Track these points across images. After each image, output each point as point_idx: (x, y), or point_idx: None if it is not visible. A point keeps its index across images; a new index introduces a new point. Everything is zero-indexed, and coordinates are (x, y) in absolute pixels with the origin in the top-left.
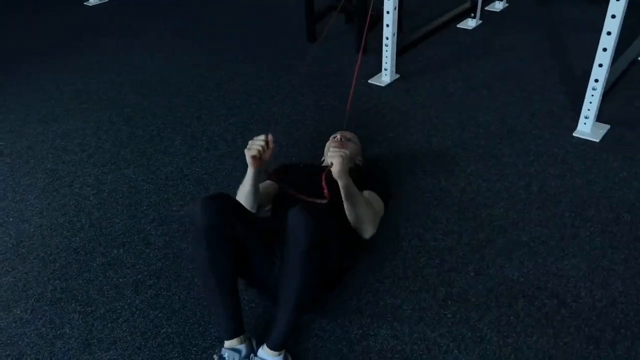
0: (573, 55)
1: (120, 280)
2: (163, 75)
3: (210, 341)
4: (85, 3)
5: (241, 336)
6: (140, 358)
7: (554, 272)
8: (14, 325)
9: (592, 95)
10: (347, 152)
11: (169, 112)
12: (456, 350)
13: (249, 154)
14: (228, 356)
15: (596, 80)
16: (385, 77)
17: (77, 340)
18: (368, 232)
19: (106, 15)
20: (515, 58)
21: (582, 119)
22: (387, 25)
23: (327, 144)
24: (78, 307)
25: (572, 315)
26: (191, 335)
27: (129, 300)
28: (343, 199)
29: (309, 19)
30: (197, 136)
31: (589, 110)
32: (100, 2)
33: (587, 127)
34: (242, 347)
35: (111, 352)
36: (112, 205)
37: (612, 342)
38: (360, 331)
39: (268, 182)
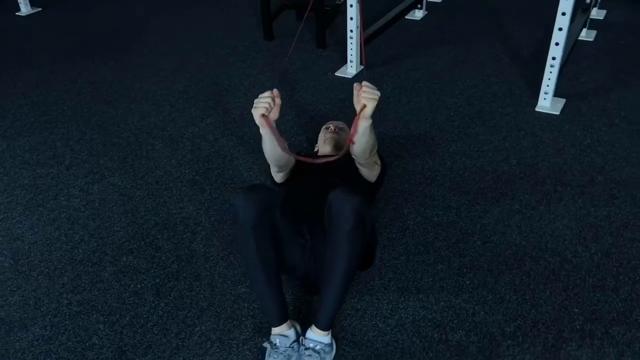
0: (518, 38)
1: (138, 286)
2: (124, 81)
3: (248, 333)
4: (17, 13)
5: (288, 322)
6: (181, 358)
7: (550, 234)
8: (36, 343)
9: (550, 72)
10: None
11: (140, 117)
12: (482, 312)
13: (257, 112)
14: (280, 342)
15: (553, 58)
16: (351, 68)
17: (110, 349)
18: (375, 168)
19: (41, 25)
20: (466, 44)
21: (542, 95)
22: (351, 18)
23: (320, 135)
24: (101, 318)
25: (575, 269)
26: (227, 329)
27: (153, 305)
28: (362, 136)
29: (265, 17)
30: (177, 139)
31: (547, 86)
32: (34, 12)
33: (547, 102)
34: (291, 332)
35: (149, 356)
36: (107, 214)
37: (614, 288)
38: (390, 306)
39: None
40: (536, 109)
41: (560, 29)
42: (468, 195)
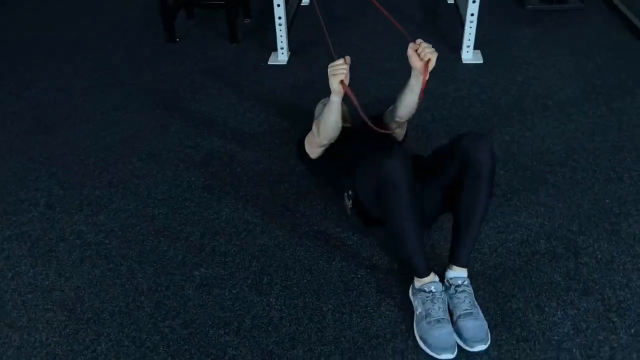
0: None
1: (233, 292)
2: (45, 108)
3: (374, 297)
4: None
5: (432, 271)
6: (330, 337)
7: (538, 159)
8: None
9: (470, 27)
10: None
11: (92, 140)
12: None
13: (336, 79)
14: (434, 288)
15: (472, 14)
16: (282, 55)
17: (253, 355)
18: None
19: None
20: (370, 19)
21: (464, 49)
22: (278, 5)
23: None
24: (220, 330)
25: (580, 183)
26: (353, 301)
27: (263, 303)
28: (413, 90)
29: (165, 18)
30: (155, 153)
31: (469, 40)
32: None
33: (470, 54)
34: (437, 278)
35: (298, 347)
36: (140, 238)
37: (608, 180)
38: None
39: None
40: (463, 62)
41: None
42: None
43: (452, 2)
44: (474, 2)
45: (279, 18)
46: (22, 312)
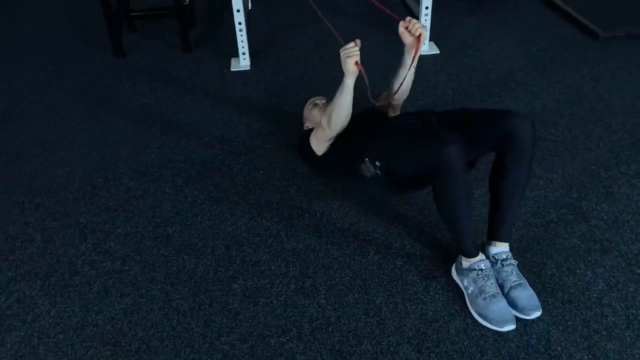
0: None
1: (280, 298)
2: (1, 136)
3: (419, 282)
4: None
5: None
6: (393, 327)
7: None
8: None
9: (425, 20)
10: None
11: (68, 166)
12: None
13: (351, 60)
14: (484, 265)
15: (239, 23)
16: (244, 61)
17: (325, 354)
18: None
19: None
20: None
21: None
22: (238, 11)
23: (315, 112)
24: (283, 338)
25: (563, 154)
26: (400, 289)
27: (317, 303)
28: (408, 66)
29: (113, 31)
30: (144, 171)
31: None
32: None
33: (426, 46)
34: (484, 256)
35: (364, 343)
36: (161, 260)
37: (587, 149)
38: None
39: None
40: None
41: None
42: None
43: None
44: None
45: (239, 23)
46: (59, 355)
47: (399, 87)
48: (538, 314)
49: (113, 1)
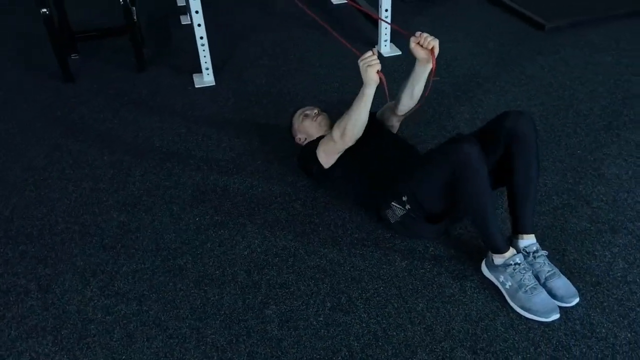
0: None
1: (320, 319)
2: None
3: (454, 285)
4: None
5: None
6: (442, 331)
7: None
8: None
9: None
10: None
11: (46, 206)
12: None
13: (373, 70)
14: (519, 259)
15: (201, 38)
16: (208, 76)
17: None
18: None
19: None
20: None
21: (382, 43)
22: (199, 25)
23: (307, 124)
24: (353, 341)
25: (549, 142)
26: (436, 293)
27: (359, 318)
28: (421, 79)
29: (60, 56)
30: (134, 202)
31: (386, 34)
32: None
33: (388, 48)
34: (515, 250)
35: (439, 349)
36: (180, 295)
37: (567, 135)
38: None
39: None
40: (385, 56)
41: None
42: (422, 107)
43: (338, 2)
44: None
45: (201, 38)
46: None
47: (421, 97)
48: (577, 300)
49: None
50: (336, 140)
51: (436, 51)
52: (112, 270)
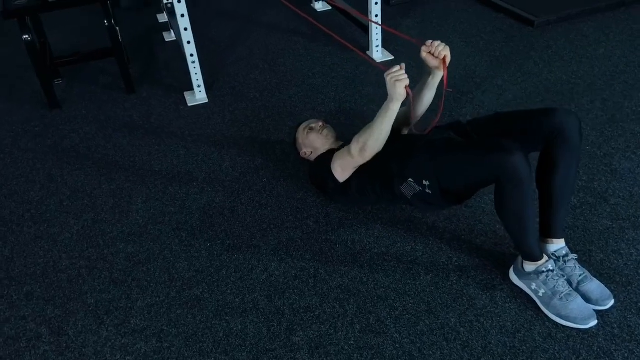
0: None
1: (351, 342)
2: None
3: (484, 296)
4: None
5: None
6: (493, 338)
7: None
8: None
9: (377, 27)
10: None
11: (47, 242)
12: None
13: (402, 85)
14: (552, 266)
15: (191, 55)
16: (201, 94)
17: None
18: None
19: None
20: (253, 43)
21: (374, 49)
22: (189, 42)
23: (313, 137)
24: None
25: None
26: (472, 297)
27: (390, 340)
28: (432, 87)
29: (45, 82)
30: (139, 232)
31: (377, 40)
32: None
33: (380, 53)
34: (547, 257)
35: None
36: (201, 327)
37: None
38: None
39: None
40: (378, 61)
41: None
42: None
43: (322, 9)
44: (376, 3)
45: (191, 55)
46: None
47: (438, 109)
48: (612, 302)
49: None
50: (355, 155)
51: (448, 60)
52: (126, 306)
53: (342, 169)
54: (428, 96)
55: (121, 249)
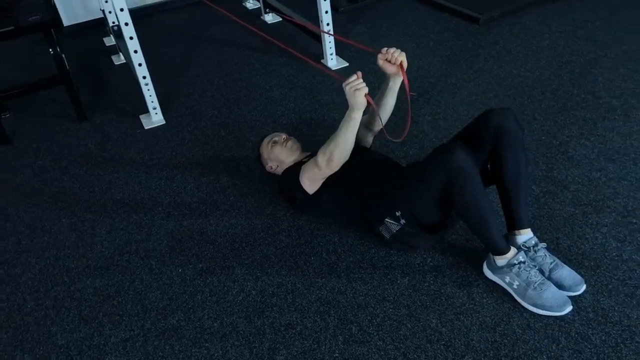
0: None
1: (336, 355)
2: None
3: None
4: None
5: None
6: (474, 335)
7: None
8: None
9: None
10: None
11: (8, 286)
12: None
13: (362, 93)
14: (522, 257)
15: (144, 77)
16: (157, 115)
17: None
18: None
19: None
20: (205, 60)
21: (328, 57)
22: (140, 65)
23: (277, 150)
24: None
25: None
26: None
27: (374, 348)
28: (393, 93)
29: None
30: (106, 265)
31: (330, 48)
32: None
33: (334, 61)
34: (516, 249)
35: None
36: (178, 358)
37: (528, 122)
38: None
39: None
40: (333, 69)
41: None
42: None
43: (272, 21)
44: (326, 12)
45: (144, 77)
46: None
47: (407, 115)
48: (584, 287)
49: None
50: (322, 166)
51: (405, 65)
52: (99, 344)
53: (311, 182)
54: (390, 102)
55: (88, 284)
